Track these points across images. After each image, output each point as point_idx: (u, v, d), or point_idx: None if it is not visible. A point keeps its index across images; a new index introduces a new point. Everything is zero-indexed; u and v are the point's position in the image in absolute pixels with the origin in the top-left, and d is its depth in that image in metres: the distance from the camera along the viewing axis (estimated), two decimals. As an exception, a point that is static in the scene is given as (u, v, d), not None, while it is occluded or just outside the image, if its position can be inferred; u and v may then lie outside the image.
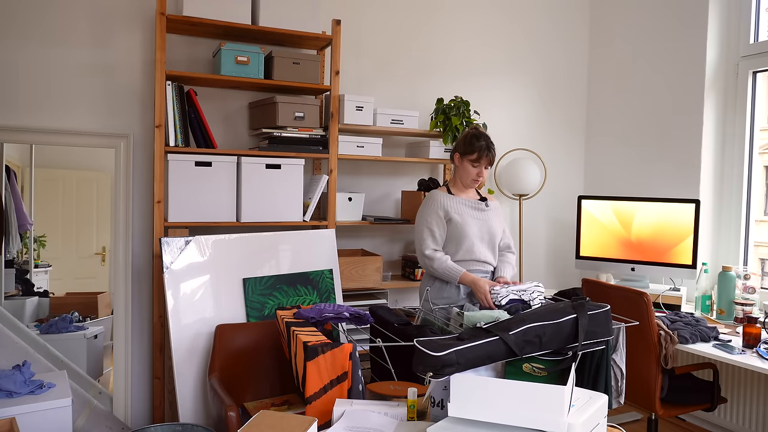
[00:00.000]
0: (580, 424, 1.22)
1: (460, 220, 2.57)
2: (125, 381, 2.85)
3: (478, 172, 2.58)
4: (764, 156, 3.27)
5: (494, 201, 2.74)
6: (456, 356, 1.37)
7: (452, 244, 2.58)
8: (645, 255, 3.24)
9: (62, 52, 2.77)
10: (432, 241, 2.57)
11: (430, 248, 2.56)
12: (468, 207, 2.62)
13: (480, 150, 2.54)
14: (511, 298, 2.31)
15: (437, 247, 2.57)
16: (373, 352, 2.27)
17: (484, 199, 2.69)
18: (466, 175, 2.60)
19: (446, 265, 2.52)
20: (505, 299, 2.30)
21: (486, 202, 2.67)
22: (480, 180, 2.61)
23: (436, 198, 2.61)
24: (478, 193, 2.74)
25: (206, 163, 2.75)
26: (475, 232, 2.58)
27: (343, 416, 1.45)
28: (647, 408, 2.49)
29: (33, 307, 2.83)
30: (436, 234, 2.57)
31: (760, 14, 3.19)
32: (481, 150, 2.54)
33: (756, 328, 2.39)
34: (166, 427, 2.09)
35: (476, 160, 2.55)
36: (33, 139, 2.73)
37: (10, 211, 2.75)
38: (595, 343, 1.57)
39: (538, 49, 3.96)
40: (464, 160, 2.59)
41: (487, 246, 2.62)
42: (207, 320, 2.47)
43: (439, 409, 1.51)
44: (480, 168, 2.57)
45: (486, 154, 2.55)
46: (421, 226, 2.60)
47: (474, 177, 2.59)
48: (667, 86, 3.52)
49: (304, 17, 2.91)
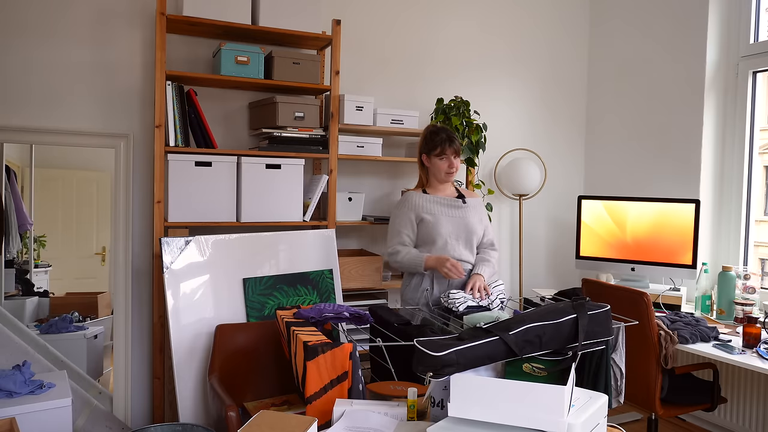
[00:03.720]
0: (580, 424, 1.22)
1: (433, 219, 2.57)
2: (125, 381, 2.85)
3: (449, 164, 2.59)
4: (764, 156, 3.27)
5: (475, 198, 2.72)
6: (456, 356, 1.37)
7: (426, 244, 2.58)
8: (645, 255, 3.24)
9: (62, 51, 2.77)
10: (398, 241, 2.60)
11: (394, 246, 2.59)
12: (442, 205, 2.61)
13: (442, 143, 2.57)
14: (468, 304, 2.30)
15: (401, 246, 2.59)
16: (373, 352, 2.26)
17: (461, 197, 2.68)
18: (438, 170, 2.62)
19: (411, 255, 2.54)
20: (462, 305, 2.29)
21: (464, 199, 2.66)
22: (453, 171, 2.61)
23: (408, 199, 2.63)
24: (458, 189, 2.74)
25: (206, 163, 2.75)
26: (450, 230, 2.57)
27: (343, 416, 1.45)
28: (647, 408, 2.49)
29: (33, 307, 2.83)
30: (404, 235, 2.59)
31: (760, 14, 3.19)
32: (443, 142, 2.57)
33: (756, 328, 2.39)
34: (166, 427, 2.09)
35: (441, 153, 2.58)
36: (33, 139, 2.73)
37: (10, 211, 2.75)
38: (595, 343, 1.57)
39: (537, 49, 3.96)
40: (431, 157, 2.61)
41: (463, 244, 2.61)
42: (207, 320, 2.47)
43: (439, 409, 1.51)
44: (449, 159, 2.59)
45: (449, 144, 2.57)
46: (391, 227, 2.65)
47: (446, 170, 2.60)
48: (667, 86, 3.52)
49: (304, 17, 2.92)
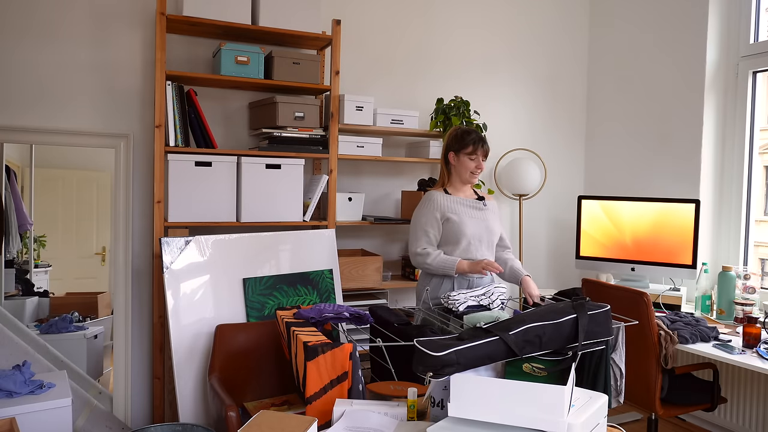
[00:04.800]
0: (580, 424, 1.22)
1: (458, 219, 2.56)
2: (125, 381, 2.85)
3: (477, 165, 2.60)
4: (764, 156, 3.27)
5: (492, 201, 2.74)
6: (456, 356, 1.37)
7: (450, 244, 2.57)
8: (645, 255, 3.24)
9: (62, 51, 2.77)
10: (426, 240, 2.57)
11: (422, 246, 2.57)
12: (466, 206, 2.61)
13: (474, 142, 2.57)
14: (468, 304, 2.30)
15: (430, 246, 2.58)
16: (373, 352, 2.26)
17: (481, 198, 2.69)
18: (465, 169, 2.61)
19: (441, 258, 2.52)
20: (462, 305, 2.29)
21: (483, 201, 2.67)
22: (478, 172, 2.62)
23: (433, 198, 2.61)
24: (476, 192, 2.74)
25: (206, 163, 2.75)
26: (474, 231, 2.58)
27: (343, 416, 1.45)
28: (647, 408, 2.49)
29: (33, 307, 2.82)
30: (431, 234, 2.57)
31: (760, 14, 3.19)
32: (475, 142, 2.57)
33: (756, 328, 2.39)
34: (166, 427, 2.09)
35: (472, 152, 2.58)
36: (33, 139, 2.72)
37: (10, 211, 2.74)
38: (595, 343, 1.57)
39: (537, 49, 3.96)
40: (461, 155, 2.60)
41: (485, 246, 2.62)
42: (207, 320, 2.47)
43: (439, 409, 1.51)
44: (478, 160, 2.59)
45: (481, 145, 2.59)
46: (416, 226, 2.61)
47: (473, 170, 2.60)
48: (668, 86, 3.52)
49: (303, 17, 2.91)
